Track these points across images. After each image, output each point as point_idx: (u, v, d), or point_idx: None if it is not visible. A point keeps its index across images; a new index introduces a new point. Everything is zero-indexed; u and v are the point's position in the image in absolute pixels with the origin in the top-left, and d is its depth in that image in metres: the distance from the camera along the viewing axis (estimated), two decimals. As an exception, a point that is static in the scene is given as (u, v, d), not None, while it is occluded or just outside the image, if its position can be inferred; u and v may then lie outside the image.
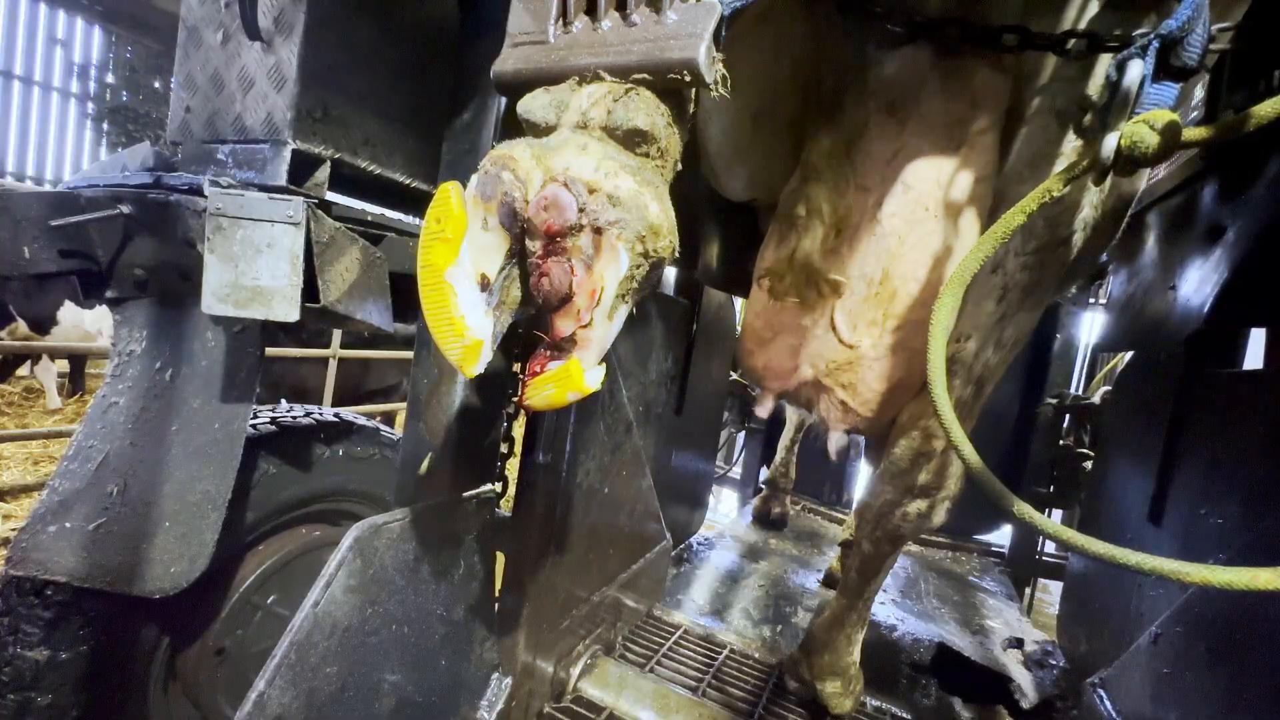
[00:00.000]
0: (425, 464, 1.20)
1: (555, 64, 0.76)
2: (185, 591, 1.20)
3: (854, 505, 2.77)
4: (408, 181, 1.26)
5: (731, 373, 2.91)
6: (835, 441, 1.43)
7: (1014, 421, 3.16)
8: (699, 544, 2.83)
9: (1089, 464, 2.75)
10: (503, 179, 0.68)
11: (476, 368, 0.71)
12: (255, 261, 1.06)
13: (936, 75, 1.16)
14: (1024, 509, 0.78)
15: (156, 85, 9.27)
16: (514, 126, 0.78)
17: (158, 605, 1.22)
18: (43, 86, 8.70)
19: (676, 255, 0.72)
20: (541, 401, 0.71)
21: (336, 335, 4.68)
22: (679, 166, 0.77)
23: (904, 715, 1.72)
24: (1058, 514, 3.01)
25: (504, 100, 1.10)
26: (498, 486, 1.30)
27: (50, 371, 5.81)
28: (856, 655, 1.65)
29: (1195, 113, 1.90)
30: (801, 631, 2.01)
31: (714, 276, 2.00)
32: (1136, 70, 0.81)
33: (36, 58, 8.58)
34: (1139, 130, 0.78)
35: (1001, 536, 3.43)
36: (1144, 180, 1.33)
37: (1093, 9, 1.08)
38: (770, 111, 1.24)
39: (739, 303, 2.84)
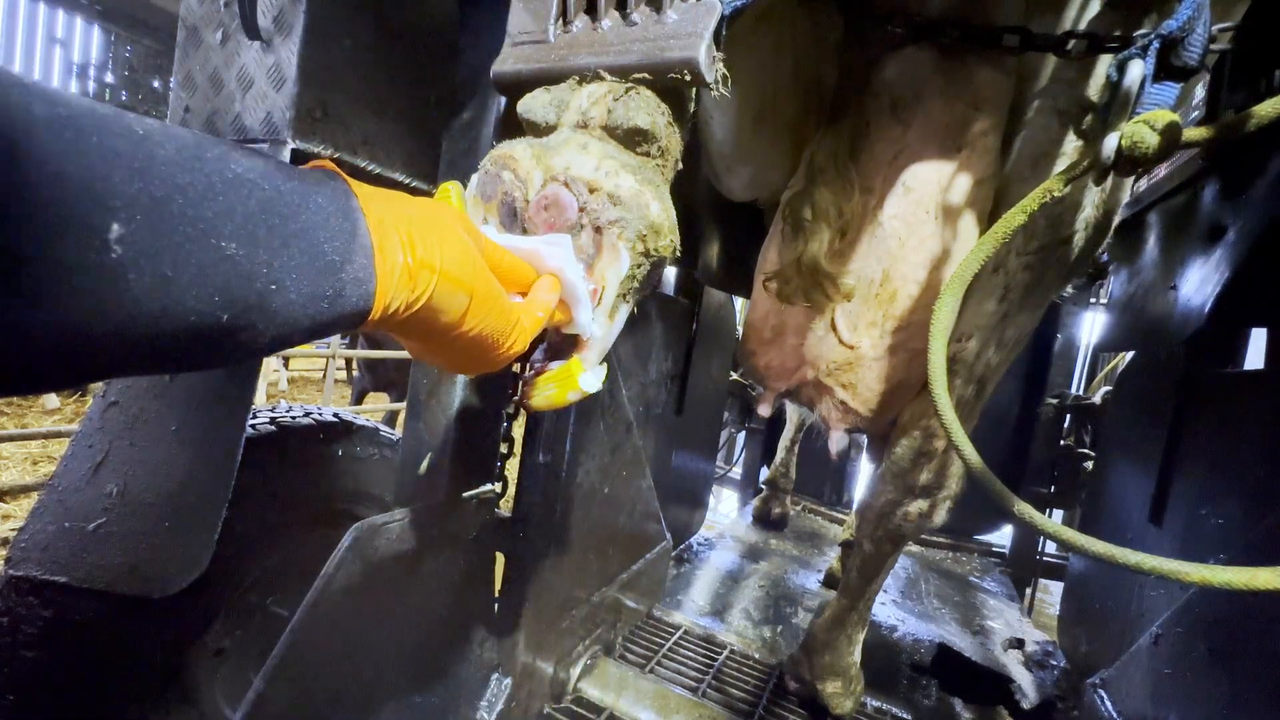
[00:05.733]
0: (425, 464, 1.20)
1: (555, 64, 0.76)
2: (185, 591, 1.20)
3: (855, 505, 2.77)
4: (408, 181, 1.26)
5: (731, 373, 2.91)
6: (836, 441, 1.43)
7: (1014, 421, 3.16)
8: (699, 544, 2.83)
9: (1089, 464, 2.75)
10: (503, 178, 0.68)
11: None
12: (255, 261, 1.05)
13: (938, 76, 1.16)
14: (1024, 509, 0.78)
15: (156, 85, 9.25)
16: (514, 126, 0.78)
17: (158, 605, 1.22)
18: (42, 86, 8.69)
19: (678, 254, 0.72)
20: (542, 402, 0.71)
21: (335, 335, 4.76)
22: (679, 166, 0.76)
23: (904, 715, 1.72)
24: (1058, 514, 3.01)
25: (504, 100, 1.10)
26: (498, 486, 1.30)
27: (49, 371, 5.79)
28: (857, 655, 1.65)
29: (1196, 112, 1.90)
30: (802, 632, 2.01)
31: (714, 276, 2.00)
32: (1137, 70, 0.81)
33: (36, 57, 8.57)
34: (1139, 130, 0.78)
35: (1002, 537, 3.42)
36: (1130, 183, 1.33)
37: (1093, 9, 1.08)
38: (771, 111, 1.24)
39: (739, 303, 2.84)
